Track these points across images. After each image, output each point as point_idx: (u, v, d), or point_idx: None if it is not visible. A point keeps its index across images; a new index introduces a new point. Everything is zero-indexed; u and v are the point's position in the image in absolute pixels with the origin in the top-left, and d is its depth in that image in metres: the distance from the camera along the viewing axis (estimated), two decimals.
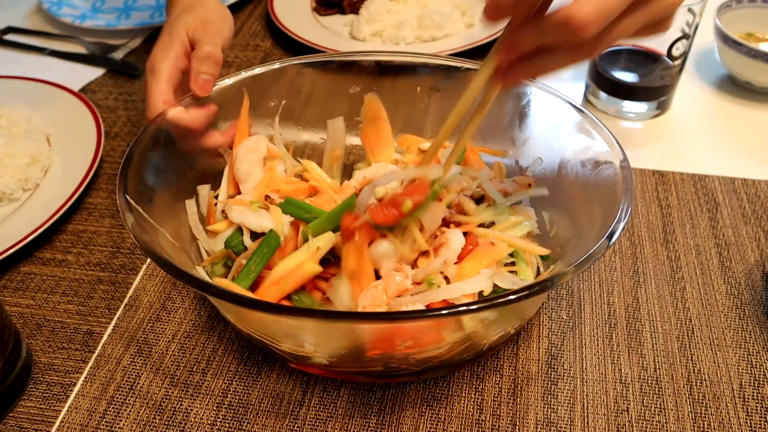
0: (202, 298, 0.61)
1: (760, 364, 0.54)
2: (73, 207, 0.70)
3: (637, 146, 0.76)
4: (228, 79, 0.62)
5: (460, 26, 0.93)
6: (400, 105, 0.67)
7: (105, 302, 0.61)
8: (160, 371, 0.55)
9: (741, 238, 0.64)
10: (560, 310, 0.59)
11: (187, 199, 0.59)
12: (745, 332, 0.57)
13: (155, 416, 0.52)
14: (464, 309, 0.41)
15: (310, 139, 0.67)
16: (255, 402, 0.53)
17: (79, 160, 0.72)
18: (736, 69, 0.81)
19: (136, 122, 0.82)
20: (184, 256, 0.55)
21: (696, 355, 0.55)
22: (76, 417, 0.52)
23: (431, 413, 0.52)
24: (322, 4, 1.00)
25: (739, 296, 0.59)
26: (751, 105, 0.81)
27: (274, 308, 0.44)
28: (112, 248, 0.66)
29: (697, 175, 0.71)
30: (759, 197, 0.68)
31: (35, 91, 0.82)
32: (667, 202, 0.68)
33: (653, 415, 0.51)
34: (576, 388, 0.53)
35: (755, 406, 0.52)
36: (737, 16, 0.83)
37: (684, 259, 0.63)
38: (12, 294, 0.62)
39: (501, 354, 0.55)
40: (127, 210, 0.49)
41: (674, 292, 0.60)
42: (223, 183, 0.61)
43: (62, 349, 0.57)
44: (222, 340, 0.57)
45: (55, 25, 1.00)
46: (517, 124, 0.62)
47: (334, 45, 0.90)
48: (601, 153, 0.54)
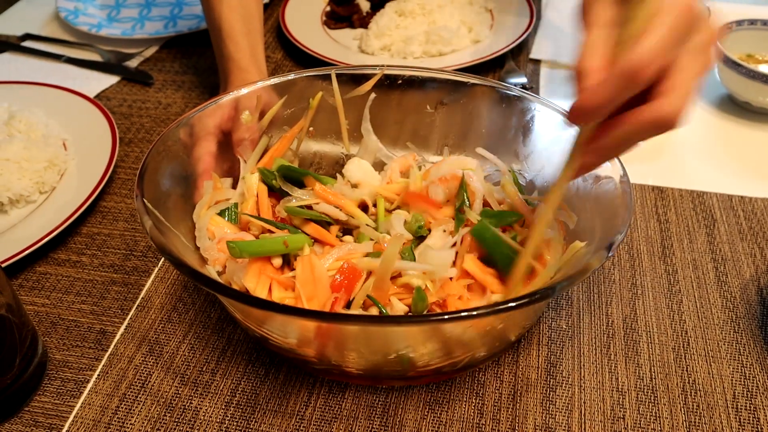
0: (212, 300, 0.62)
1: (753, 376, 0.56)
2: (88, 210, 0.72)
3: (638, 162, 0.78)
4: (243, 90, 0.64)
5: (466, 42, 0.95)
6: (407, 118, 0.69)
7: (118, 303, 0.63)
8: (171, 370, 0.57)
9: (737, 253, 0.66)
10: (560, 319, 0.60)
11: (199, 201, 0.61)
12: (739, 345, 0.58)
13: (165, 414, 0.54)
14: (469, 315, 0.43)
15: (320, 149, 0.69)
16: (262, 402, 0.54)
17: (94, 164, 0.74)
18: (736, 89, 0.83)
19: (150, 129, 0.84)
20: (195, 255, 0.57)
21: (691, 366, 0.57)
22: (89, 413, 0.54)
23: (433, 416, 0.53)
24: (333, 17, 1.03)
25: (735, 310, 0.61)
26: (749, 124, 0.83)
27: (282, 309, 0.46)
28: (126, 251, 0.68)
29: (696, 191, 0.73)
30: (755, 214, 0.70)
31: (53, 98, 0.84)
32: (665, 217, 0.70)
33: (648, 423, 0.53)
34: (574, 395, 0.55)
35: (747, 416, 0.53)
36: (738, 37, 0.85)
37: (681, 273, 0.64)
38: (28, 293, 0.64)
39: (501, 361, 0.57)
40: (145, 213, 0.51)
41: (671, 304, 0.62)
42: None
43: (76, 347, 0.59)
44: (231, 341, 0.59)
45: (71, 33, 1.03)
46: (522, 139, 0.64)
47: (344, 58, 0.92)
48: (602, 168, 0.55)
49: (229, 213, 0.60)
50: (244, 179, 0.63)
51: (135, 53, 0.98)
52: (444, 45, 0.94)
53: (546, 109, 0.62)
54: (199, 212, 0.60)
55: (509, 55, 0.94)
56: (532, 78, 0.92)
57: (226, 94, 0.63)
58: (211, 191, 0.61)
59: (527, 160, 0.65)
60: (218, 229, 0.59)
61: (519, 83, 0.88)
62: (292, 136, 0.67)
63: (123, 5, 1.08)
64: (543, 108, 0.62)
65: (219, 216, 0.60)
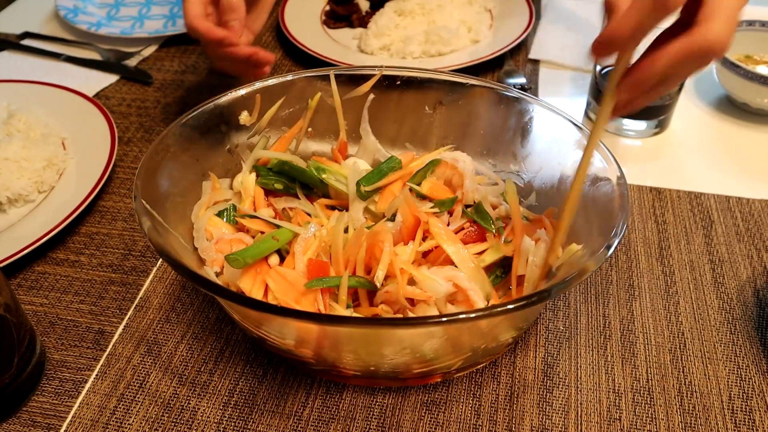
0: (210, 301, 0.63)
1: (749, 378, 0.56)
2: (87, 210, 0.72)
3: (636, 163, 0.78)
4: (241, 90, 0.64)
5: (466, 42, 0.95)
6: (406, 118, 0.69)
7: (116, 303, 0.63)
8: (169, 370, 0.57)
9: (734, 255, 0.66)
10: (557, 320, 0.60)
11: (197, 202, 0.61)
12: (735, 346, 0.58)
13: (163, 414, 0.54)
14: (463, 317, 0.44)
15: (319, 149, 0.69)
16: (260, 402, 0.55)
17: (93, 164, 0.74)
18: (734, 90, 0.83)
19: (149, 128, 0.84)
20: (194, 255, 0.57)
21: (687, 368, 0.57)
22: (87, 412, 0.54)
23: (430, 417, 0.54)
24: (332, 17, 1.03)
25: (731, 311, 0.61)
26: (747, 126, 0.83)
27: (277, 310, 0.46)
28: (124, 250, 0.68)
29: (693, 192, 0.73)
30: (753, 216, 0.70)
31: (52, 96, 0.84)
32: (663, 218, 0.70)
33: (645, 424, 0.53)
34: (570, 396, 0.55)
35: (743, 417, 0.53)
36: (736, 38, 0.85)
37: (678, 274, 0.65)
38: (27, 293, 0.64)
39: (499, 362, 0.57)
40: (143, 214, 0.51)
41: (668, 306, 0.62)
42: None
43: (74, 347, 0.59)
44: (229, 342, 0.59)
45: (71, 32, 1.03)
46: (520, 140, 0.65)
47: (343, 58, 0.92)
48: (599, 169, 0.55)
49: (227, 214, 0.61)
50: (241, 179, 0.63)
51: (134, 52, 0.98)
52: (443, 45, 0.94)
53: (544, 110, 0.62)
54: (198, 213, 0.60)
55: (508, 55, 0.94)
56: (531, 78, 0.92)
57: (224, 95, 0.63)
58: (210, 192, 0.61)
59: (525, 161, 0.65)
60: (216, 230, 0.59)
61: (518, 83, 0.88)
62: (290, 137, 0.67)
63: (122, 4, 1.08)
64: (541, 109, 0.62)
65: (217, 217, 0.60)
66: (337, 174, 0.61)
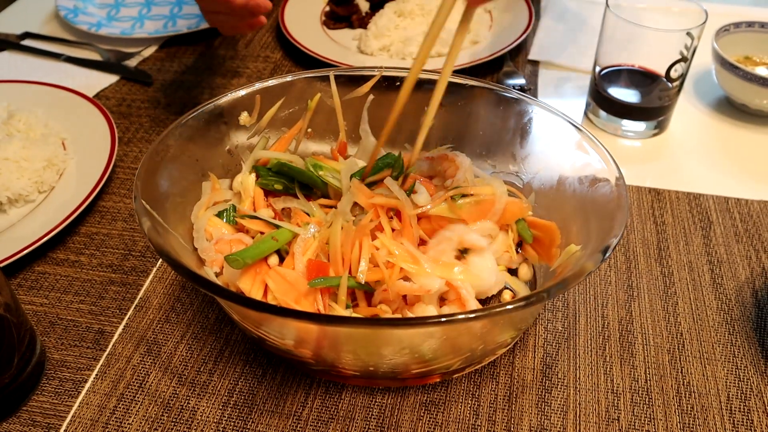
0: (210, 301, 0.63)
1: (748, 378, 0.56)
2: (87, 210, 0.73)
3: (635, 164, 0.78)
4: (241, 90, 0.65)
5: (465, 43, 0.96)
6: (405, 118, 0.69)
7: (116, 303, 0.63)
8: (169, 370, 0.57)
9: (733, 256, 0.66)
10: (556, 321, 0.61)
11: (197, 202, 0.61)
12: (734, 347, 0.59)
13: (163, 414, 0.54)
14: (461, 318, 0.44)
15: (319, 150, 0.70)
16: (259, 402, 0.55)
17: (93, 164, 0.74)
18: (733, 91, 0.83)
19: (149, 129, 0.84)
20: (193, 256, 0.57)
21: (686, 368, 0.57)
22: (87, 412, 0.54)
23: (429, 417, 0.54)
24: (332, 17, 1.03)
25: (730, 312, 0.61)
26: (746, 127, 0.83)
27: (276, 311, 0.46)
28: (124, 251, 0.68)
29: (692, 193, 0.74)
30: (751, 216, 0.71)
31: (52, 97, 0.84)
32: (662, 219, 0.71)
33: (643, 424, 0.53)
34: (569, 396, 0.55)
35: (741, 418, 0.53)
36: (735, 39, 0.86)
37: (677, 275, 0.65)
38: (27, 292, 0.64)
39: (497, 362, 0.57)
40: (143, 214, 0.51)
41: (667, 306, 0.62)
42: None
43: (74, 347, 0.59)
44: (228, 341, 0.59)
45: (71, 32, 1.03)
46: (519, 141, 0.65)
47: (342, 58, 0.92)
48: (598, 170, 0.56)
49: (227, 214, 0.61)
50: (240, 179, 0.63)
51: (134, 52, 0.98)
52: (443, 46, 0.93)
53: (543, 111, 0.62)
54: (197, 213, 0.60)
55: (508, 56, 0.94)
56: (530, 79, 0.92)
57: (224, 95, 0.63)
58: (209, 192, 0.61)
59: (524, 162, 0.65)
60: (216, 230, 0.59)
61: (517, 84, 0.89)
62: (290, 137, 0.67)
63: (122, 4, 1.08)
64: (541, 110, 0.63)
65: (217, 217, 0.60)
66: (333, 171, 0.62)
